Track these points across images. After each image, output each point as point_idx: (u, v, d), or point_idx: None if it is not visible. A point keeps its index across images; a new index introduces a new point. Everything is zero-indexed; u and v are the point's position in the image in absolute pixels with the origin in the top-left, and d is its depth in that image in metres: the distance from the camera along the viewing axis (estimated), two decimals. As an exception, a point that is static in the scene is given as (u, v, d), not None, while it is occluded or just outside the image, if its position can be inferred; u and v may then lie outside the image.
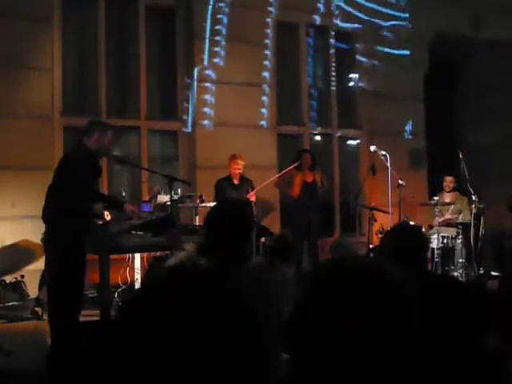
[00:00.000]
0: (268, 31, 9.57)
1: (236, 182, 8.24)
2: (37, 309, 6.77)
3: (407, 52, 10.42)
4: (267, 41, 9.54)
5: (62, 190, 5.19)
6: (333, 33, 10.46)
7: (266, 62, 9.52)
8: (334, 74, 10.53)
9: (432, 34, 10.70)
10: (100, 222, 5.60)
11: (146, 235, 5.45)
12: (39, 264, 7.16)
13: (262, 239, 8.37)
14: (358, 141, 10.78)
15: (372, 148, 8.45)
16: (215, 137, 8.95)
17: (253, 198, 8.05)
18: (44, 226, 6.24)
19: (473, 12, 10.98)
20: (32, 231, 7.50)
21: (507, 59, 11.54)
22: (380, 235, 8.92)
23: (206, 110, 9.04)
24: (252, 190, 8.19)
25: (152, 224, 5.47)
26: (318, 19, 10.22)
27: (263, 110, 9.44)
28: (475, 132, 11.98)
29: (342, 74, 10.74)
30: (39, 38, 8.09)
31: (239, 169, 8.19)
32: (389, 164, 8.17)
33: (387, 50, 10.42)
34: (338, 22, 10.35)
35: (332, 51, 10.51)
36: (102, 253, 5.32)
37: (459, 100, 12.59)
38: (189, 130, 9.14)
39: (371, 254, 8.55)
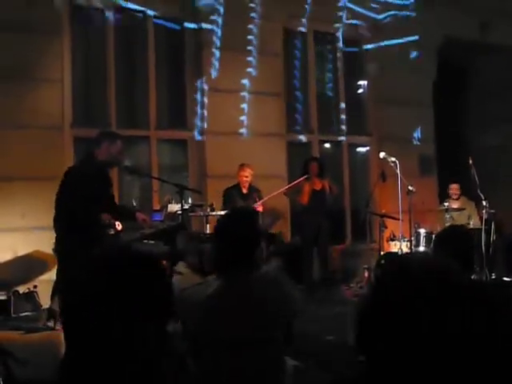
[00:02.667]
0: (276, 39, 9.59)
1: (244, 191, 8.28)
2: (49, 319, 6.77)
3: (416, 37, 10.35)
4: (276, 49, 9.57)
5: (71, 201, 5.22)
6: (341, 39, 10.47)
7: (275, 70, 9.54)
8: (342, 80, 10.54)
9: (440, 40, 10.69)
10: (111, 232, 5.61)
11: (157, 244, 5.47)
12: (52, 274, 7.19)
13: (271, 247, 8.40)
14: (368, 148, 10.78)
15: (381, 155, 8.45)
16: (225, 146, 8.97)
17: (260, 208, 8.08)
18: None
19: (481, 17, 10.97)
20: (43, 241, 7.52)
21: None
22: (392, 242, 8.93)
23: (214, 118, 9.06)
24: (259, 200, 8.22)
25: (163, 233, 5.48)
26: (325, 26, 10.25)
27: (272, 119, 9.45)
28: (484, 137, 11.97)
29: (351, 80, 10.75)
30: (49, 50, 8.14)
31: (247, 177, 8.24)
32: (398, 171, 8.16)
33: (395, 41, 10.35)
34: (345, 29, 10.37)
35: (340, 58, 10.52)
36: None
37: (468, 105, 12.57)
38: (198, 139, 9.16)
39: (382, 261, 8.55)
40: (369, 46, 10.61)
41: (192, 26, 9.23)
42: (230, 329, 2.74)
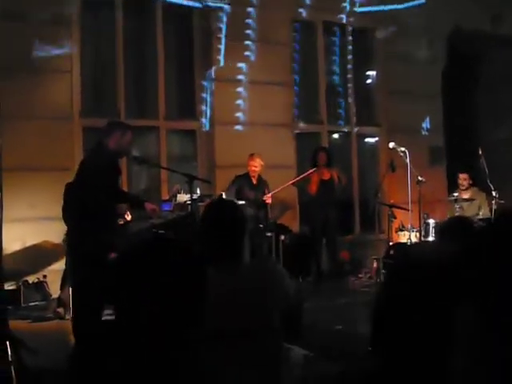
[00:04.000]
0: (286, 30, 9.56)
1: (254, 181, 8.28)
2: (59, 309, 6.81)
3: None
4: (284, 39, 9.54)
5: (82, 192, 5.23)
6: (350, 29, 10.43)
7: (284, 60, 9.51)
8: (351, 71, 10.51)
9: (450, 29, 10.63)
10: (121, 222, 5.63)
11: (167, 234, 5.47)
12: (61, 264, 7.23)
13: (282, 237, 8.40)
14: (377, 138, 10.74)
15: (391, 145, 8.41)
16: (234, 136, 8.96)
17: (269, 200, 8.10)
18: (65, 226, 6.32)
19: (491, 7, 10.90)
20: (52, 232, 7.57)
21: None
22: (401, 232, 8.91)
23: (223, 108, 9.05)
24: (268, 192, 8.23)
25: (173, 223, 5.49)
26: (335, 17, 10.21)
27: (281, 109, 9.43)
28: (494, 127, 11.91)
29: (360, 70, 10.71)
30: (58, 40, 8.13)
31: (256, 167, 8.24)
32: (408, 161, 8.13)
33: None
34: (355, 19, 10.33)
35: (349, 48, 10.47)
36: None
37: (477, 96, 12.50)
38: (207, 129, 9.15)
39: (391, 251, 8.54)
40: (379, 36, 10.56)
41: (201, 15, 9.21)
42: (222, 320, 2.73)
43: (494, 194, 8.45)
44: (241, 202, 7.59)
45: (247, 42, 9.18)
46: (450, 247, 2.84)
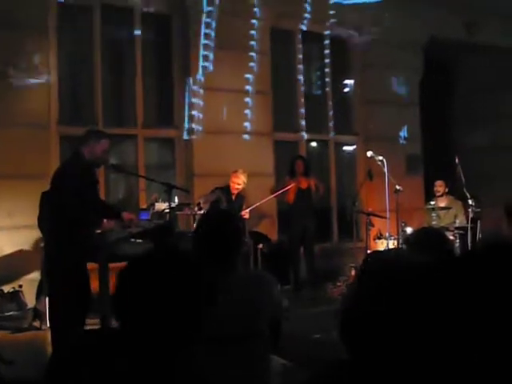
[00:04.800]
0: (264, 38, 9.58)
1: (233, 197, 8.24)
2: (35, 319, 6.74)
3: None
4: (263, 48, 9.56)
5: (59, 200, 5.20)
6: (328, 39, 10.50)
7: (263, 69, 9.53)
8: (329, 79, 10.56)
9: (426, 39, 10.73)
10: (98, 231, 5.58)
11: (145, 243, 5.45)
12: (37, 274, 7.16)
13: (260, 246, 8.39)
14: (355, 147, 10.80)
15: (369, 153, 8.47)
16: (212, 144, 8.95)
17: (246, 216, 8.06)
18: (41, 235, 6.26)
19: (467, 17, 11.03)
20: (29, 240, 7.51)
21: (500, 62, 11.63)
22: (379, 240, 8.96)
23: (202, 117, 9.03)
24: (245, 205, 8.19)
25: (151, 232, 5.46)
26: (312, 26, 10.26)
27: (259, 117, 9.44)
28: (470, 135, 12.05)
29: (338, 79, 10.77)
30: (35, 48, 8.07)
31: (239, 184, 8.17)
32: (386, 169, 8.18)
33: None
34: (332, 28, 10.39)
35: (327, 57, 10.53)
36: (101, 261, 5.32)
37: (454, 104, 12.65)
38: (185, 137, 9.13)
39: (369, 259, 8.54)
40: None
41: (180, 23, 9.20)
42: (212, 325, 2.74)
43: (470, 202, 8.54)
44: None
45: (226, 51, 9.17)
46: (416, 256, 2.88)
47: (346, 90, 10.95)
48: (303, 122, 10.24)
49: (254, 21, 9.35)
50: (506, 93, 11.85)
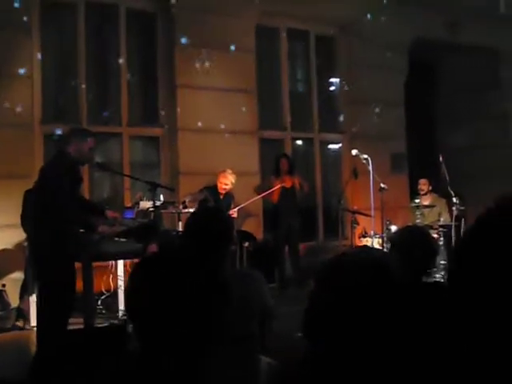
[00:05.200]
0: (249, 36, 9.57)
1: (221, 196, 8.22)
2: (18, 319, 6.70)
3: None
4: (248, 46, 9.54)
5: (43, 199, 5.16)
6: (313, 37, 10.52)
7: (248, 67, 9.52)
8: (314, 78, 10.58)
9: (411, 39, 10.78)
10: (82, 230, 5.55)
11: (129, 242, 5.42)
12: (20, 273, 7.11)
13: (246, 244, 8.39)
14: (340, 145, 10.81)
15: (354, 152, 8.49)
16: (198, 143, 8.93)
17: (234, 215, 8.05)
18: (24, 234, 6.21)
19: (451, 17, 11.09)
20: (13, 240, 7.45)
21: (483, 62, 11.72)
22: (364, 239, 8.98)
23: (187, 115, 9.01)
24: (233, 204, 8.18)
25: (135, 230, 5.44)
26: (297, 24, 10.27)
27: (244, 116, 9.43)
28: (454, 134, 12.12)
29: (323, 77, 10.79)
30: (18, 46, 8.02)
31: (226, 184, 8.14)
32: (371, 168, 8.20)
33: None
34: (318, 27, 10.42)
35: (312, 56, 10.55)
36: (84, 260, 5.29)
37: (438, 103, 12.72)
38: (171, 135, 9.10)
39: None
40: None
41: (165, 21, 9.16)
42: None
43: (454, 200, 8.58)
44: None
45: (210, 49, 9.15)
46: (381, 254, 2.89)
47: (332, 88, 10.96)
48: (289, 120, 10.24)
49: (239, 18, 9.32)
50: (489, 92, 11.94)
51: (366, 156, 8.29)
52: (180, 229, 7.15)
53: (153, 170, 9.31)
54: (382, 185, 8.16)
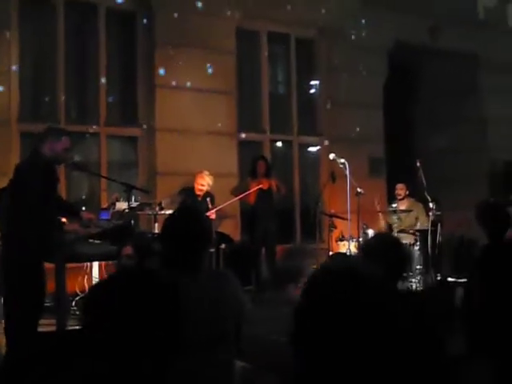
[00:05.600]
0: (229, 38, 9.55)
1: (199, 198, 8.20)
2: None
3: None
4: (228, 48, 9.53)
5: (17, 198, 5.11)
6: (293, 40, 10.53)
7: (227, 69, 9.51)
8: (294, 80, 10.59)
9: (391, 43, 10.83)
10: (61, 232, 5.50)
11: (103, 244, 5.39)
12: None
13: (222, 246, 8.37)
14: (318, 147, 10.82)
15: (331, 156, 8.50)
16: (176, 143, 8.90)
17: (212, 216, 8.03)
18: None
19: (430, 21, 11.17)
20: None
21: (461, 67, 11.82)
22: (341, 242, 9.01)
23: (166, 115, 8.98)
24: (212, 206, 8.16)
25: (109, 232, 5.40)
26: (278, 27, 10.28)
27: (224, 117, 9.42)
28: (432, 138, 12.20)
29: (303, 80, 10.80)
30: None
31: (203, 186, 8.15)
32: (348, 172, 8.21)
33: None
34: (299, 30, 10.44)
35: (293, 58, 10.56)
36: (58, 261, 5.24)
37: (416, 107, 12.80)
38: (149, 136, 9.06)
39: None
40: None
41: (144, 20, 9.12)
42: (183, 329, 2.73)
43: (431, 205, 8.62)
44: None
45: (191, 50, 9.13)
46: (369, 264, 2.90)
47: (312, 91, 10.97)
48: (268, 123, 10.24)
49: (220, 20, 9.31)
50: (468, 97, 12.04)
51: (342, 160, 8.30)
52: (156, 230, 7.12)
53: (131, 170, 9.26)
54: (359, 189, 8.19)
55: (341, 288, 1.45)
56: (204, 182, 8.15)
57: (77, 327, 6.25)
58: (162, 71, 8.98)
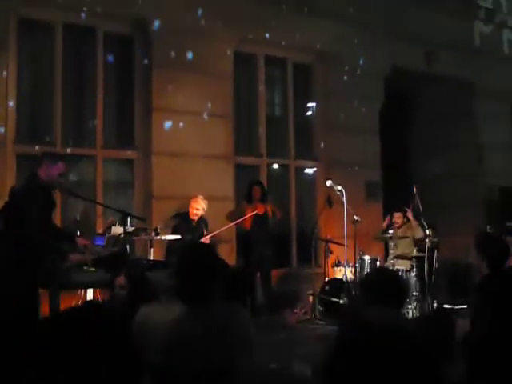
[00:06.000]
0: (226, 62, 9.57)
1: (194, 223, 8.17)
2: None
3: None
4: (225, 71, 9.54)
5: (12, 224, 5.08)
6: (290, 64, 10.57)
7: (224, 93, 9.51)
8: (291, 105, 10.61)
9: (388, 69, 10.88)
10: (67, 264, 5.46)
11: (98, 271, 5.35)
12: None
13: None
14: (315, 171, 10.79)
15: (328, 183, 8.49)
16: (172, 167, 8.88)
17: (207, 242, 8.00)
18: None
19: (426, 48, 11.24)
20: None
21: (456, 93, 11.88)
22: (337, 268, 8.98)
23: (162, 139, 8.96)
24: (206, 232, 8.13)
25: (104, 260, 5.37)
26: (276, 51, 10.32)
27: (220, 141, 9.41)
28: (428, 163, 12.23)
29: (300, 105, 10.82)
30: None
31: (198, 210, 8.14)
32: (344, 199, 8.20)
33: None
34: (296, 54, 10.48)
35: (290, 83, 10.59)
36: (52, 288, 5.20)
37: (413, 132, 12.84)
38: (145, 159, 9.04)
39: (327, 287, 8.59)
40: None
41: (142, 44, 9.14)
42: (194, 359, 2.76)
43: (427, 232, 8.61)
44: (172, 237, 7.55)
45: (188, 73, 9.14)
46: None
47: (308, 115, 10.98)
48: (264, 147, 10.24)
49: (217, 44, 9.33)
50: (463, 123, 12.08)
51: (340, 188, 8.31)
52: (151, 257, 7.08)
53: (126, 193, 9.22)
54: (356, 217, 8.17)
55: (385, 351, 1.44)
56: (199, 207, 8.14)
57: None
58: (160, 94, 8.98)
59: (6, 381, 3.71)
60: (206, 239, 7.99)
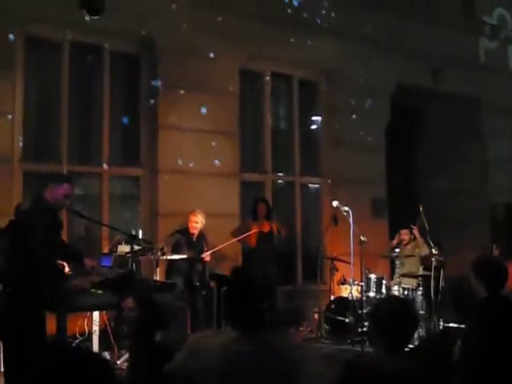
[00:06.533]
0: (232, 79, 9.60)
1: (194, 238, 8.14)
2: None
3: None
4: (231, 89, 9.57)
5: (18, 246, 5.07)
6: (296, 82, 10.59)
7: (230, 110, 9.53)
8: (296, 122, 10.62)
9: (394, 87, 10.89)
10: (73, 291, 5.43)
11: (104, 294, 5.33)
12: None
13: (224, 288, 8.27)
14: (320, 188, 10.79)
15: (334, 203, 8.48)
16: (178, 184, 8.88)
17: (207, 259, 7.99)
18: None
19: (432, 66, 11.25)
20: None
21: (464, 110, 11.88)
22: (342, 286, 8.95)
23: (169, 157, 8.97)
24: (207, 248, 8.10)
25: (111, 282, 5.35)
26: (282, 68, 10.34)
27: (226, 158, 9.41)
28: (434, 181, 12.21)
29: (305, 122, 10.83)
30: (1, 82, 7.97)
31: (197, 223, 8.11)
32: (351, 220, 8.17)
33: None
34: (302, 71, 10.51)
35: (295, 100, 10.60)
36: (59, 311, 5.18)
37: (419, 149, 12.83)
38: (151, 176, 9.04)
39: (333, 306, 8.56)
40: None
41: (148, 62, 9.17)
42: None
43: (433, 251, 8.58)
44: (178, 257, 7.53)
45: (194, 91, 9.16)
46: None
47: (314, 132, 10.99)
48: (270, 164, 10.24)
49: (223, 61, 9.36)
50: (470, 140, 12.07)
51: (346, 208, 8.28)
52: (157, 277, 7.07)
53: (133, 210, 9.23)
54: (362, 238, 8.12)
55: None
56: (198, 220, 8.11)
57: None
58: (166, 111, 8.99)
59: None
60: (206, 255, 7.97)
